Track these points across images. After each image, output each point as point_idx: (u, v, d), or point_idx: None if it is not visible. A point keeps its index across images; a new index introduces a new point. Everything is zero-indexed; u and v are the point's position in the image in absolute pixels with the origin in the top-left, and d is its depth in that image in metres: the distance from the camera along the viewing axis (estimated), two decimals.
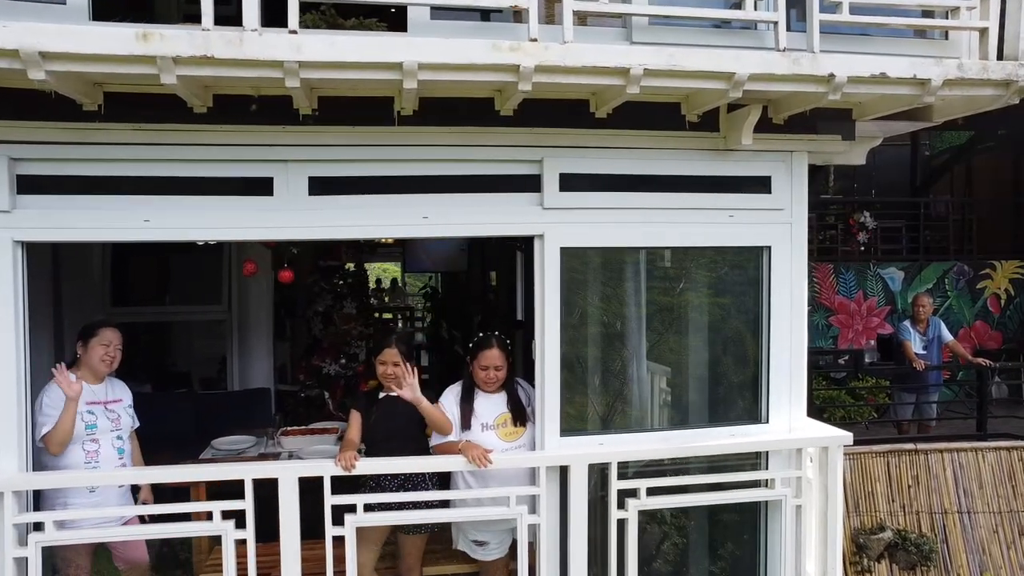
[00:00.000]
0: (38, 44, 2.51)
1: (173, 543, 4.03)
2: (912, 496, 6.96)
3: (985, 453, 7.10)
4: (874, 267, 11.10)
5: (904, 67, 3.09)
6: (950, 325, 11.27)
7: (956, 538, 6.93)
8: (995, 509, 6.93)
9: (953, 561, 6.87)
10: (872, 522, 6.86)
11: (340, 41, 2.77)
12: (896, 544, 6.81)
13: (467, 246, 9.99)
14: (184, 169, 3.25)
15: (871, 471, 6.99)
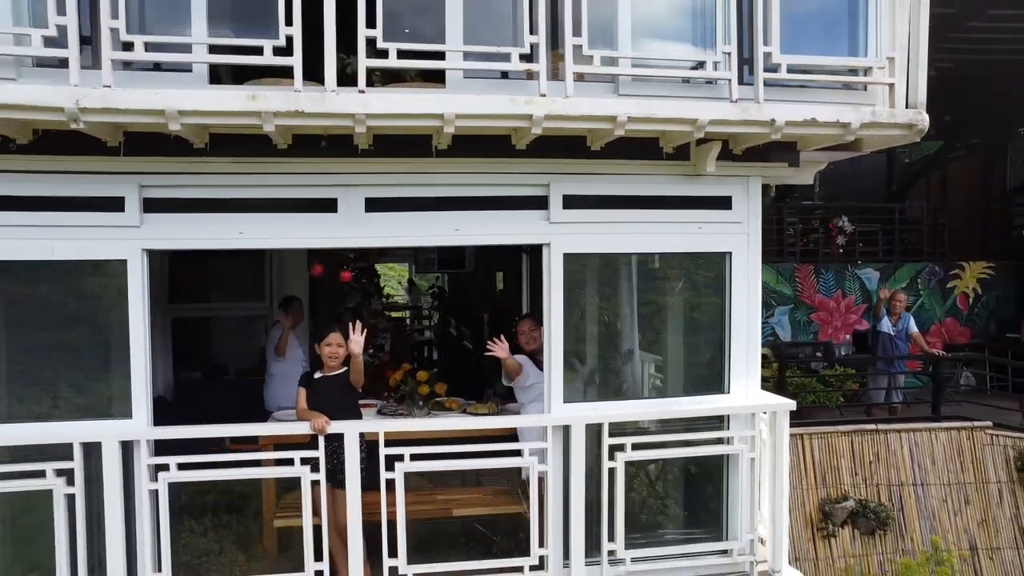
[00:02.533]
0: (178, 105, 3.42)
1: (248, 496, 4.91)
2: (873, 470, 7.88)
3: (938, 433, 8.03)
4: (852, 268, 12.00)
5: (830, 113, 4.01)
6: (922, 322, 12.25)
7: (910, 507, 7.87)
8: (945, 481, 7.85)
9: (907, 526, 7.80)
10: (837, 493, 7.78)
11: (396, 98, 3.68)
12: (858, 512, 7.76)
13: (475, 248, 10.87)
14: (269, 192, 4.16)
15: (837, 448, 7.91)
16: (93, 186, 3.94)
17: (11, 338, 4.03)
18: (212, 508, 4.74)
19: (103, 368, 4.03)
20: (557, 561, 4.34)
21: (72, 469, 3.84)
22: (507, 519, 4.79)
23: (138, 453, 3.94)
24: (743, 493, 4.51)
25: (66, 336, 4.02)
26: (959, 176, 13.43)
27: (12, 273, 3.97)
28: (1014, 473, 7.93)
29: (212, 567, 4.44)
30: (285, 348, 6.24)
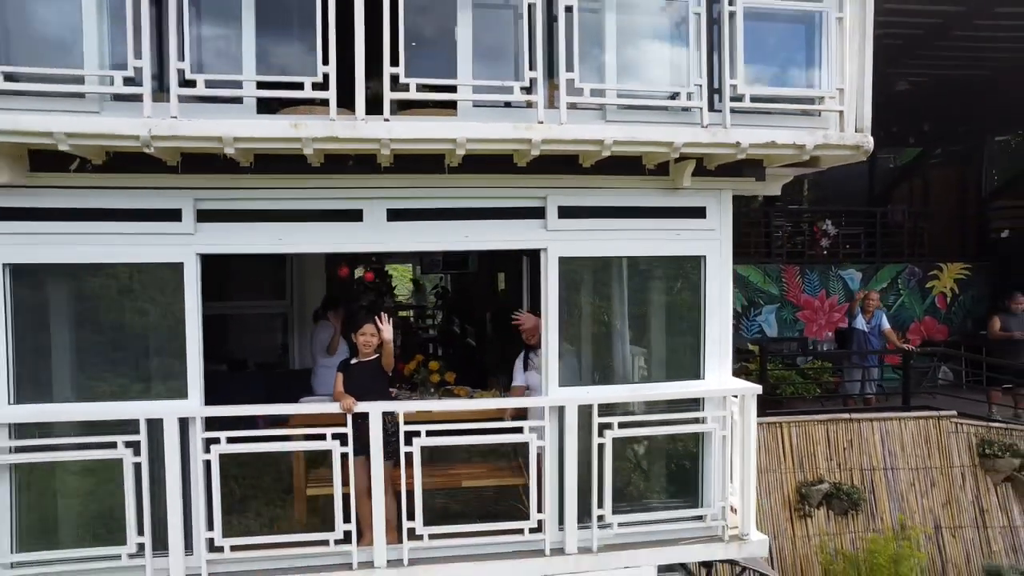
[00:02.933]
0: (234, 132, 4.08)
1: (281, 469, 5.55)
2: (846, 456, 8.55)
3: (907, 422, 8.69)
4: (835, 269, 12.66)
5: (788, 136, 4.66)
6: (902, 320, 12.94)
7: (881, 489, 8.53)
8: (913, 466, 8.52)
9: (878, 507, 8.46)
10: (813, 476, 8.45)
11: (415, 125, 4.33)
12: (832, 494, 8.42)
13: (478, 251, 11.53)
14: (304, 203, 4.81)
15: (813, 436, 8.57)
16: (155, 199, 4.60)
17: (86, 329, 4.69)
18: (252, 479, 5.38)
19: (163, 355, 4.68)
20: (553, 525, 4.99)
21: (138, 441, 4.50)
22: (509, 490, 5.44)
23: (193, 429, 4.59)
24: (716, 467, 5.17)
25: (132, 328, 4.68)
26: (939, 181, 14.08)
27: (86, 274, 4.63)
28: (976, 458, 8.57)
29: (254, 528, 5.09)
30: (337, 346, 6.84)
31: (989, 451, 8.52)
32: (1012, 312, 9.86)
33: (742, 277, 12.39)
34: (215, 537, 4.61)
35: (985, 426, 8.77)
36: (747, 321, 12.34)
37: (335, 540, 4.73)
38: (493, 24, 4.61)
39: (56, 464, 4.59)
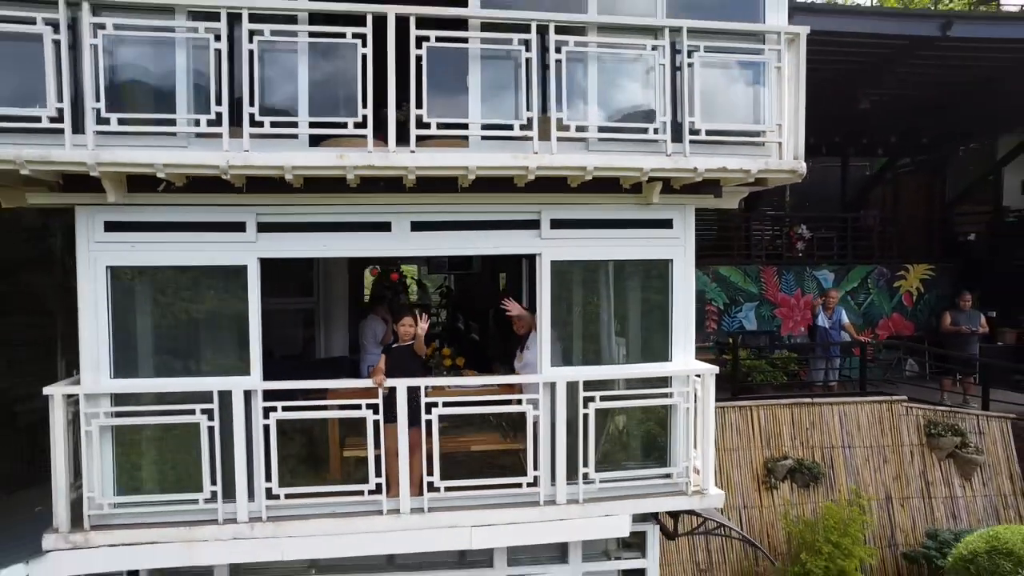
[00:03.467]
0: (292, 162, 5.18)
1: (316, 441, 6.62)
2: (809, 435, 9.65)
3: (863, 405, 9.80)
4: (810, 269, 13.77)
5: (736, 163, 5.76)
6: (872, 317, 14.06)
7: (839, 465, 9.63)
8: (867, 444, 9.63)
9: (836, 481, 9.56)
10: (779, 453, 9.56)
11: (436, 155, 5.44)
12: (795, 469, 9.52)
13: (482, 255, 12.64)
14: (343, 217, 5.91)
15: (779, 417, 9.68)
16: (224, 214, 5.71)
17: (170, 318, 5.79)
18: (299, 442, 6.46)
19: (230, 340, 5.79)
20: (546, 480, 6.08)
21: (212, 409, 5.60)
22: (511, 453, 6.53)
23: (255, 400, 5.69)
24: (681, 434, 6.26)
25: (206, 317, 5.79)
26: (908, 188, 15.18)
27: (170, 274, 5.73)
28: (923, 437, 9.67)
29: (303, 480, 6.17)
30: (390, 336, 7.81)
31: (934, 431, 9.62)
32: (961, 309, 10.96)
33: (724, 277, 13.53)
34: (272, 487, 5.71)
35: (932, 409, 9.87)
36: (728, 317, 13.45)
37: (368, 491, 5.82)
38: (498, 72, 5.71)
39: (147, 426, 5.68)
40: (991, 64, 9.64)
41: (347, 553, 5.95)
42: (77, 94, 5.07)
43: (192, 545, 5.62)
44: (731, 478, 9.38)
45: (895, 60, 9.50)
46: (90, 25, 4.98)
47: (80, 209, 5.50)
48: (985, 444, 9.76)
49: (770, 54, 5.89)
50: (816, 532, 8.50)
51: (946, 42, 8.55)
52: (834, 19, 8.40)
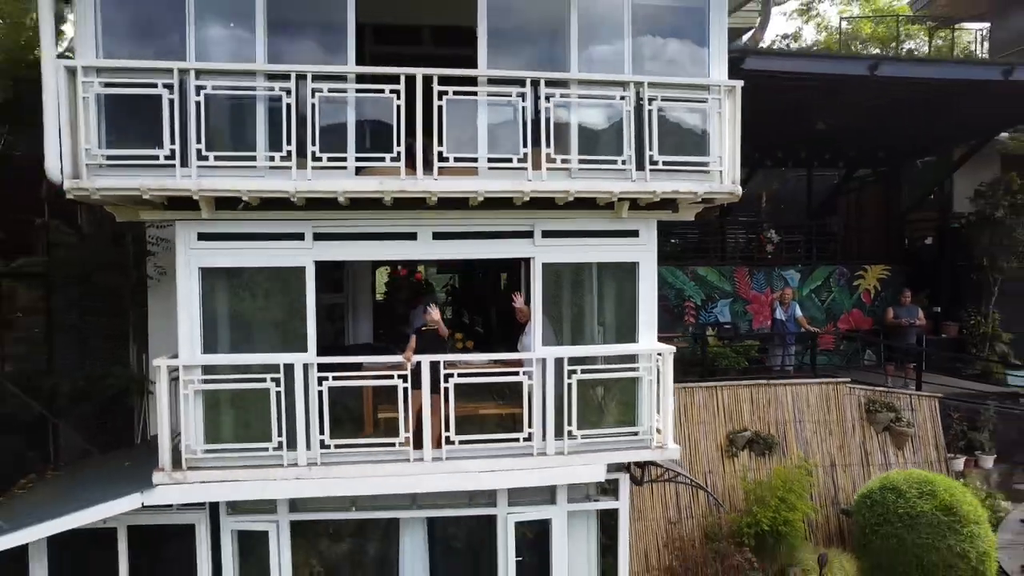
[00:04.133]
0: (343, 188, 6.83)
1: (350, 407, 8.21)
2: (765, 412, 11.26)
3: (812, 386, 11.41)
4: (778, 270, 15.37)
5: (687, 186, 7.41)
6: (833, 312, 15.69)
7: (791, 437, 11.23)
8: (816, 420, 11.23)
9: (788, 450, 11.14)
10: (739, 427, 11.15)
11: (453, 182, 7.08)
12: (753, 440, 11.12)
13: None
14: (379, 228, 7.55)
15: (740, 396, 11.28)
16: (288, 226, 7.34)
17: (246, 306, 7.43)
18: (344, 406, 8.07)
19: (291, 324, 7.42)
20: (539, 436, 7.71)
21: (279, 378, 7.24)
22: (511, 416, 8.16)
23: (311, 371, 7.33)
24: (645, 400, 7.90)
25: (275, 307, 7.43)
26: (868, 197, 16.80)
27: (246, 274, 7.38)
28: (863, 414, 11.28)
29: (347, 435, 7.77)
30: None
31: (872, 408, 11.23)
32: (902, 304, 12.61)
33: (702, 276, 15.15)
34: (325, 438, 7.35)
35: (871, 390, 11.49)
36: (705, 312, 15.06)
37: (399, 443, 7.46)
38: (500, 117, 7.35)
39: (228, 390, 7.33)
40: (915, 96, 11.28)
41: (380, 491, 7.58)
42: (184, 137, 6.72)
43: (264, 482, 7.27)
44: (699, 447, 11.00)
45: (839, 92, 11.12)
46: (194, 87, 6.64)
47: (180, 223, 7.15)
48: (916, 419, 11.37)
49: (713, 102, 7.53)
50: (767, 490, 10.13)
51: (874, 80, 10.16)
52: (785, 61, 9.99)
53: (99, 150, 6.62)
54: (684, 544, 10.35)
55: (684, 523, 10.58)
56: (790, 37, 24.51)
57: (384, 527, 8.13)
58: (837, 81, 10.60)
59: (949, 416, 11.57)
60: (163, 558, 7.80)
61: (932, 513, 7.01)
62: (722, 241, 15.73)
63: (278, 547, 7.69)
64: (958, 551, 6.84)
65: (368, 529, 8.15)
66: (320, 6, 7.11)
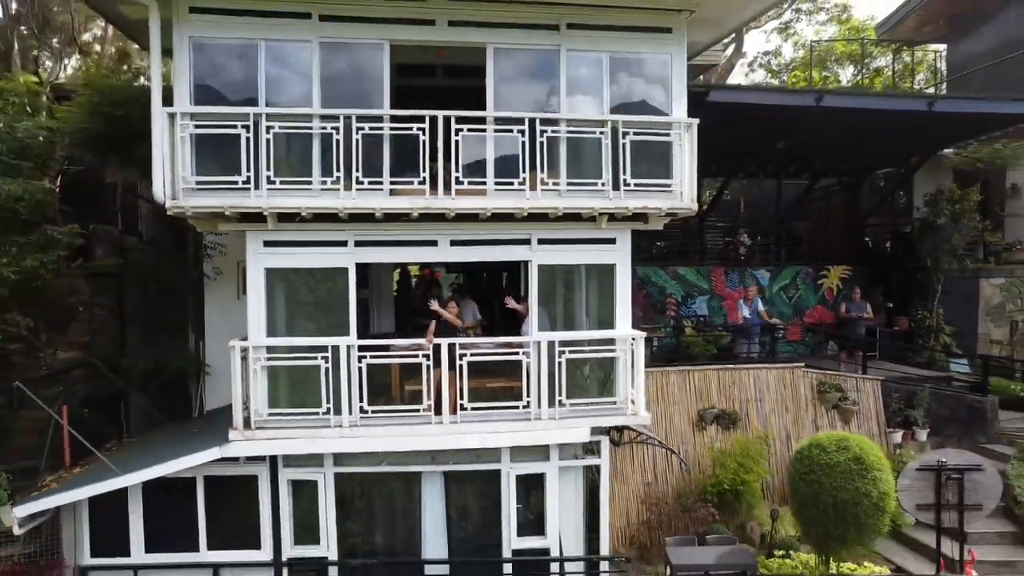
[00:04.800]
0: (381, 206, 8.69)
1: (382, 381, 10.05)
2: (730, 391, 13.09)
3: (771, 370, 13.25)
4: (750, 269, 17.22)
5: (654, 203, 9.28)
6: (800, 308, 17.55)
7: (753, 413, 13.06)
8: (774, 399, 13.07)
9: (750, 424, 12.98)
10: (708, 404, 12.99)
11: (467, 201, 8.94)
12: (720, 416, 12.96)
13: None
14: (407, 236, 9.41)
15: (709, 379, 13.11)
16: (334, 235, 9.19)
17: (301, 299, 9.28)
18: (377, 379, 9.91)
19: (338, 314, 9.27)
20: (535, 405, 9.55)
21: (327, 356, 9.08)
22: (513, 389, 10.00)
23: (353, 351, 9.18)
24: (621, 376, 9.75)
25: (324, 301, 9.28)
26: (832, 204, 18.67)
27: (301, 273, 9.23)
28: (815, 393, 13.12)
29: (380, 402, 9.60)
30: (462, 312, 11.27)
31: (823, 389, 13.07)
32: (853, 300, 14.45)
33: (682, 275, 17.00)
34: (363, 405, 9.20)
35: (822, 373, 13.34)
36: (685, 308, 16.92)
37: (423, 410, 9.31)
38: (504, 148, 9.19)
39: (288, 366, 9.18)
40: (859, 120, 13.15)
41: (407, 448, 9.41)
42: (256, 166, 8.57)
43: (314, 440, 9.12)
44: (673, 421, 12.82)
45: (794, 118, 12.98)
46: (265, 127, 8.49)
47: (250, 233, 9.00)
48: (861, 399, 13.20)
49: (675, 135, 9.38)
50: (728, 457, 11.97)
51: (820, 109, 11.99)
52: (742, 94, 11.76)
53: (191, 177, 8.48)
54: (659, 502, 12.18)
55: (659, 485, 12.42)
56: (771, 54, 26.37)
57: (408, 480, 9.96)
58: (788, 110, 12.46)
59: (890, 396, 13.41)
60: (231, 504, 9.62)
61: (845, 462, 8.81)
62: (701, 244, 17.59)
63: (325, 494, 9.53)
64: (863, 491, 8.65)
65: (396, 481, 9.98)
66: (362, 61, 8.97)
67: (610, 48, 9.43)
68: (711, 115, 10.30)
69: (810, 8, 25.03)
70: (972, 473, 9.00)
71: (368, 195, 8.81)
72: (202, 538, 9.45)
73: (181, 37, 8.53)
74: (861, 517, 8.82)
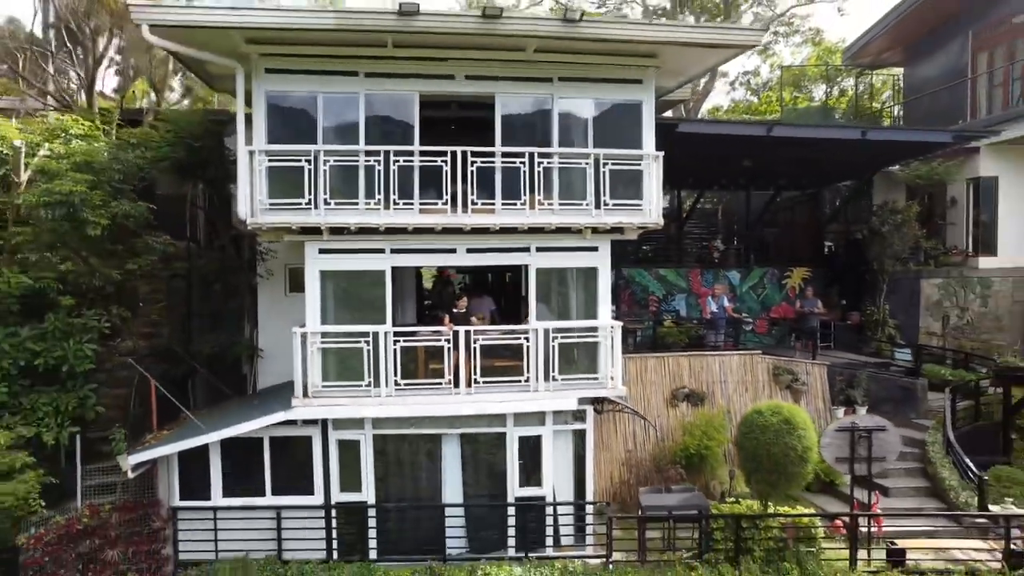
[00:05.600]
0: (412, 222, 11.10)
1: (411, 360, 12.47)
2: (699, 375, 15.52)
3: (734, 357, 15.69)
4: (723, 271, 19.63)
5: (628, 220, 11.70)
6: (767, 304, 19.97)
7: (718, 392, 15.50)
8: (736, 380, 15.49)
9: (715, 402, 15.40)
10: (680, 385, 15.41)
11: (480, 218, 11.36)
12: (690, 394, 15.39)
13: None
14: (431, 246, 11.81)
15: (682, 364, 15.54)
16: (373, 243, 11.60)
17: (348, 295, 11.69)
18: (407, 358, 12.30)
19: (375, 308, 11.67)
20: (534, 379, 11.96)
21: (369, 340, 11.49)
22: (516, 367, 12.39)
23: (389, 337, 11.59)
24: (603, 356, 12.16)
25: (365, 296, 11.69)
26: (796, 213, 21.09)
27: (347, 275, 11.63)
28: (771, 376, 15.52)
29: (409, 377, 11.98)
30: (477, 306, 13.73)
31: (777, 372, 15.47)
32: (806, 297, 16.84)
33: (663, 276, 19.42)
34: (397, 379, 11.61)
35: (777, 358, 15.74)
36: (666, 304, 19.33)
37: (445, 383, 11.72)
38: (510, 176, 11.59)
39: (337, 348, 11.58)
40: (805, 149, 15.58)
41: (431, 414, 11.81)
42: (315, 190, 10.98)
43: (358, 407, 11.53)
44: (651, 400, 15.21)
45: (752, 144, 15.39)
46: (322, 160, 10.90)
47: (308, 243, 11.40)
48: (810, 381, 15.59)
49: (645, 165, 11.79)
50: (695, 428, 14.37)
51: (770, 138, 14.38)
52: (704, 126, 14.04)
53: (266, 199, 10.89)
54: (638, 465, 14.59)
55: (638, 452, 14.83)
56: (751, 73, 28.81)
57: (432, 441, 12.34)
58: (745, 138, 14.89)
59: (835, 379, 15.82)
60: (290, 459, 12.00)
61: (777, 423, 11.18)
62: (680, 248, 20.01)
63: (365, 451, 11.92)
64: (791, 445, 11.01)
65: (422, 442, 12.37)
66: (397, 108, 11.37)
67: (593, 95, 11.85)
68: (683, 142, 12.70)
69: (786, 31, 27.43)
70: (878, 433, 11.40)
71: (402, 213, 11.21)
72: (267, 486, 11.86)
73: (259, 91, 10.95)
74: (789, 467, 11.23)
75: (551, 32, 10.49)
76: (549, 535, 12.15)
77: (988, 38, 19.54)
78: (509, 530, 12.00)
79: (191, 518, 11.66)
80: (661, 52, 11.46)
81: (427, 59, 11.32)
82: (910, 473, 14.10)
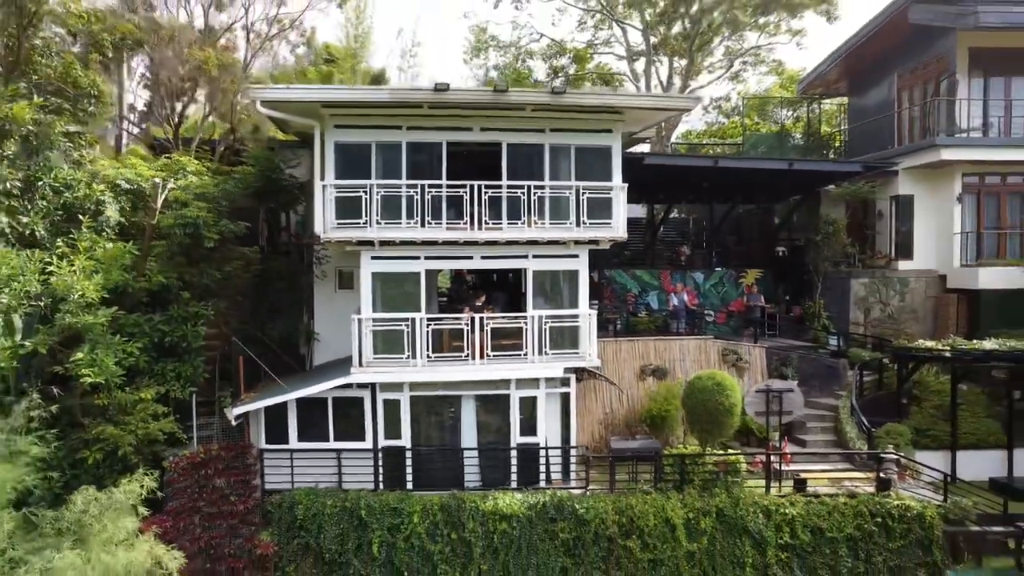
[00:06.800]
0: (438, 236, 15.09)
1: (438, 339, 16.37)
2: (663, 354, 19.61)
3: (691, 341, 19.80)
4: (689, 272, 23.61)
5: (599, 233, 15.68)
6: (726, 300, 23.92)
7: (678, 369, 19.60)
8: (693, 359, 19.55)
9: (675, 376, 19.41)
10: (647, 363, 19.43)
11: (491, 233, 15.33)
12: (656, 369, 19.50)
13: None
14: (454, 253, 15.78)
15: (649, 346, 19.63)
16: (411, 252, 15.57)
17: (392, 291, 15.64)
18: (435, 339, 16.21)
19: (412, 300, 15.62)
20: (531, 353, 15.90)
21: (408, 324, 15.44)
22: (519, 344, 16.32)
23: (423, 322, 15.54)
24: (583, 336, 16.11)
25: (405, 292, 15.65)
26: (752, 222, 25.07)
27: (393, 275, 15.59)
28: (720, 356, 19.47)
29: (437, 351, 15.88)
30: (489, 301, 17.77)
31: (726, 354, 19.41)
32: (751, 293, 20.81)
33: (639, 276, 23.39)
34: (429, 353, 15.57)
35: (726, 342, 19.69)
36: (640, 299, 23.30)
37: (464, 356, 15.68)
38: (513, 202, 15.55)
39: (384, 330, 15.54)
40: (748, 175, 19.53)
41: (452, 379, 15.74)
42: (370, 213, 14.95)
43: (400, 373, 15.49)
44: (624, 374, 19.13)
45: (705, 171, 19.33)
46: (376, 191, 14.88)
47: (363, 251, 15.37)
48: (751, 360, 19.52)
49: (614, 194, 15.76)
50: (658, 396, 18.32)
51: (717, 169, 18.31)
52: (665, 159, 17.78)
53: (333, 220, 14.85)
54: (613, 425, 18.55)
55: (614, 414, 18.81)
56: (722, 99, 32.83)
57: (453, 400, 16.25)
58: (698, 168, 18.85)
59: (772, 359, 19.78)
60: (347, 414, 15.91)
61: (712, 386, 15.13)
62: (653, 253, 24.00)
63: (404, 408, 15.85)
64: (720, 401, 14.96)
65: (446, 402, 16.28)
66: (430, 151, 15.32)
67: (574, 141, 15.81)
68: (653, 168, 16.57)
69: (753, 61, 31.38)
70: (787, 393, 15.37)
71: (433, 230, 15.17)
72: (330, 433, 15.81)
73: (329, 141, 14.91)
74: (719, 417, 15.20)
75: (543, 101, 14.48)
76: (543, 473, 16.12)
77: (908, 79, 23.50)
78: (512, 469, 15.95)
79: (274, 457, 15.59)
80: (623, 110, 15.42)
81: (453, 116, 15.29)
82: (824, 431, 18.09)
